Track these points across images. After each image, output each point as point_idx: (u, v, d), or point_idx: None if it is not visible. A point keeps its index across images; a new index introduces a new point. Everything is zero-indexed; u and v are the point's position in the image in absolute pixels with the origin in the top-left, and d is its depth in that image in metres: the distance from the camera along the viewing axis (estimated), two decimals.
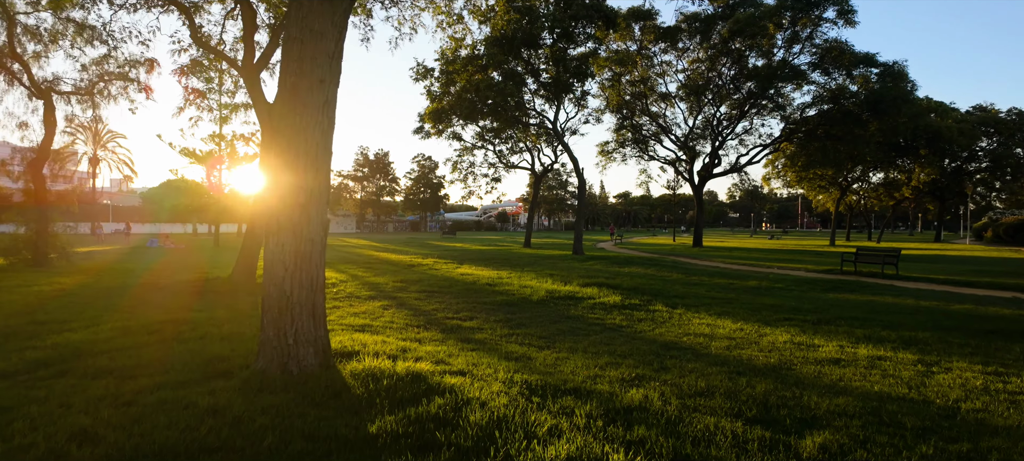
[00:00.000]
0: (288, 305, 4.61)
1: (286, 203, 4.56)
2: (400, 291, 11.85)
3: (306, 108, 4.54)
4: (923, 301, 11.12)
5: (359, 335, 6.71)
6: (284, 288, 4.60)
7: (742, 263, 21.46)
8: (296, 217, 4.58)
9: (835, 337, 7.36)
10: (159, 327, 7.03)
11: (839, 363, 6.02)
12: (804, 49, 30.94)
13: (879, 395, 4.81)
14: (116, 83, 18.52)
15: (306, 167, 4.59)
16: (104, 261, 19.21)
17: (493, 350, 6.26)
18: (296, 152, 4.55)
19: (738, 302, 10.59)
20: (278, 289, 4.61)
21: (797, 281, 14.64)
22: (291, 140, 4.56)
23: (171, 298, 10.55)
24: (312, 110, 4.56)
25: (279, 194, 4.58)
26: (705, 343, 6.97)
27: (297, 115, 4.53)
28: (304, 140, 4.55)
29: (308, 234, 4.64)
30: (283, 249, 4.59)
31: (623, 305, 10.00)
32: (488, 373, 4.98)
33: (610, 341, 7.03)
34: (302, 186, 4.58)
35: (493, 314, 9.00)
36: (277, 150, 4.60)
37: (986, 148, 49.73)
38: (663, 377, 5.19)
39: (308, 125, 4.55)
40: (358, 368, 4.75)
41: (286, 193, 4.56)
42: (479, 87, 23.06)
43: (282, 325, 4.61)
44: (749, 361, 6.04)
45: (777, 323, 8.42)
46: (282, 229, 4.58)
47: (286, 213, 4.57)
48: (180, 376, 4.73)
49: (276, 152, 4.61)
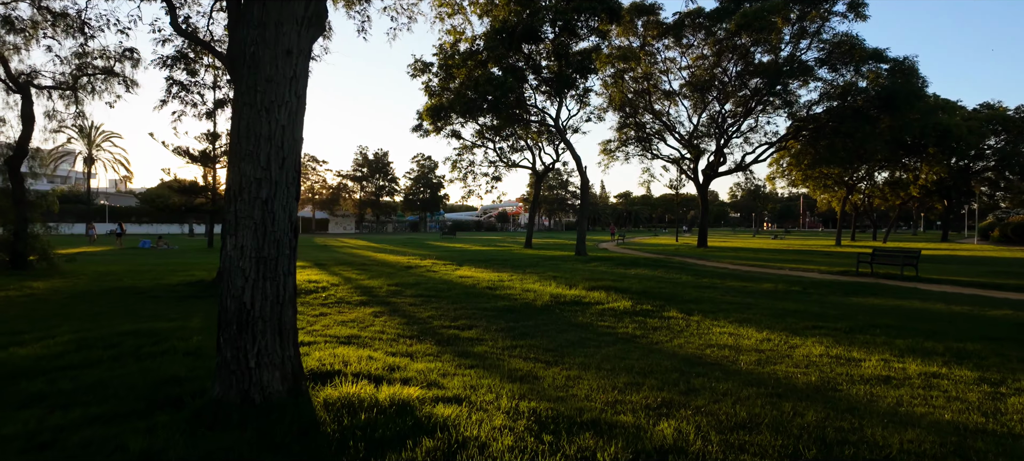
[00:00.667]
0: (249, 321, 3.85)
1: (246, 198, 3.80)
2: (394, 296, 11.09)
3: (270, 84, 3.78)
4: (955, 306, 10.36)
5: (343, 349, 5.95)
6: (244, 300, 3.84)
7: (751, 264, 20.70)
8: (258, 215, 3.81)
9: (875, 349, 6.60)
10: (120, 339, 6.27)
11: (890, 382, 5.26)
12: (812, 45, 30.17)
13: (954, 426, 4.05)
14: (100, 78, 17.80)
15: (271, 155, 3.83)
16: (89, 264, 18.44)
17: (494, 367, 5.49)
18: (258, 137, 3.79)
19: (757, 308, 9.82)
20: (237, 302, 3.84)
21: (813, 283, 13.88)
22: (252, 123, 3.79)
23: (147, 303, 9.79)
24: (277, 86, 3.80)
25: (238, 187, 3.82)
26: (732, 357, 6.20)
27: (259, 92, 3.77)
28: (267, 122, 3.79)
29: (273, 235, 3.88)
30: (243, 253, 3.82)
31: (635, 311, 9.24)
32: (489, 400, 4.21)
33: (625, 354, 6.26)
34: (265, 177, 3.82)
35: (494, 322, 8.24)
36: (236, 135, 3.84)
37: (993, 146, 48.93)
38: (694, 403, 4.43)
39: (272, 104, 3.79)
40: (334, 396, 3.98)
41: (246, 186, 3.80)
42: (479, 82, 22.28)
43: (242, 345, 3.84)
44: (787, 380, 5.27)
45: (805, 332, 7.66)
46: (242, 229, 3.82)
47: (246, 210, 3.80)
48: (121, 405, 3.97)
49: (235, 137, 3.84)
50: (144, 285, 12.18)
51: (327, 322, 8.11)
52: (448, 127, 28.01)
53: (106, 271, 15.59)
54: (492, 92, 22.08)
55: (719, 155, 35.67)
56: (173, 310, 9.10)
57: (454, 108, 24.50)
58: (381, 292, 11.57)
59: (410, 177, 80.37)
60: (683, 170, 38.46)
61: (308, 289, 11.77)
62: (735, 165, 36.92)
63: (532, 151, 33.11)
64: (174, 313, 8.77)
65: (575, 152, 25.74)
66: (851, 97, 30.54)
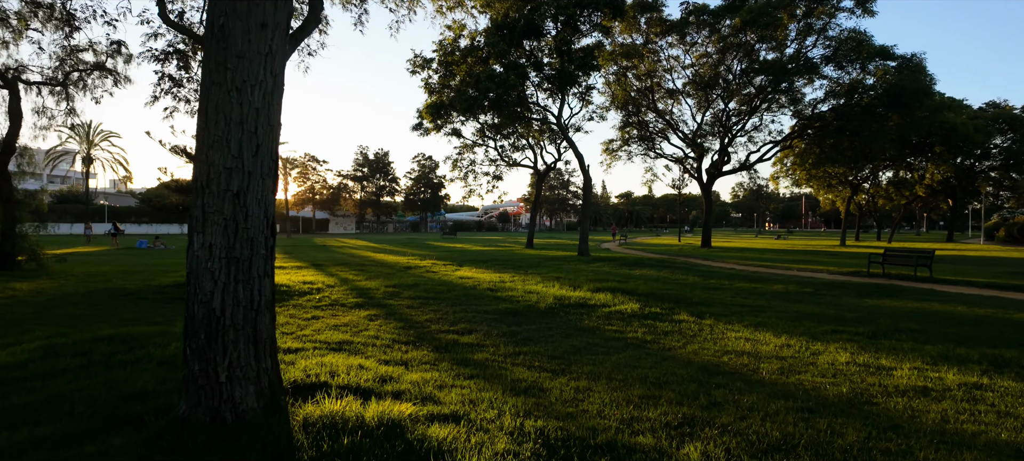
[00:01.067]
0: (219, 329, 3.40)
1: (214, 190, 3.35)
2: (392, 297, 10.64)
3: (242, 61, 3.33)
4: (978, 309, 9.89)
5: (332, 357, 5.50)
6: (213, 306, 3.39)
7: (758, 264, 20.23)
8: (228, 210, 3.37)
9: (904, 356, 6.14)
10: (93, 345, 5.82)
11: (929, 394, 4.80)
12: (817, 42, 29.67)
13: (1015, 448, 3.59)
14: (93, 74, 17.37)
15: (243, 141, 3.38)
16: (81, 264, 18.01)
17: (496, 378, 5.04)
18: (228, 121, 3.34)
19: (771, 310, 9.36)
20: (205, 308, 3.39)
21: (825, 285, 13.41)
22: (221, 105, 3.34)
23: (132, 306, 9.35)
24: (250, 63, 3.35)
25: (206, 179, 3.37)
26: (752, 365, 5.75)
27: (229, 70, 3.32)
28: (238, 104, 3.34)
29: (246, 232, 3.43)
30: (212, 254, 3.37)
31: (643, 314, 8.78)
32: (490, 418, 3.76)
33: (637, 362, 5.81)
34: (237, 167, 3.37)
35: (495, 326, 7.78)
36: (204, 119, 3.39)
37: (1000, 145, 48.39)
38: (719, 420, 3.98)
39: (244, 83, 3.34)
40: (315, 415, 3.53)
41: (215, 177, 3.35)
42: (480, 79, 21.81)
43: (211, 357, 3.39)
44: (816, 392, 4.82)
45: (826, 337, 7.20)
46: (210, 226, 3.37)
47: (215, 204, 3.36)
48: (76, 425, 3.52)
49: (202, 122, 3.39)
50: (132, 286, 11.74)
51: (319, 326, 7.67)
52: (448, 125, 27.56)
53: (96, 272, 15.16)
54: (494, 89, 21.61)
55: (723, 154, 35.19)
56: (158, 313, 8.66)
57: (455, 106, 24.03)
58: (378, 294, 11.12)
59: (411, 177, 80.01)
60: (687, 169, 38.00)
61: (302, 291, 11.33)
62: (739, 164, 36.44)
63: (534, 150, 32.67)
64: (158, 316, 8.33)
65: (578, 150, 25.27)
66: (858, 95, 30.04)
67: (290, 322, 7.95)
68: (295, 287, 11.75)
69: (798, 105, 31.92)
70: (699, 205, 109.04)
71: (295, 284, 12.15)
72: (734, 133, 34.76)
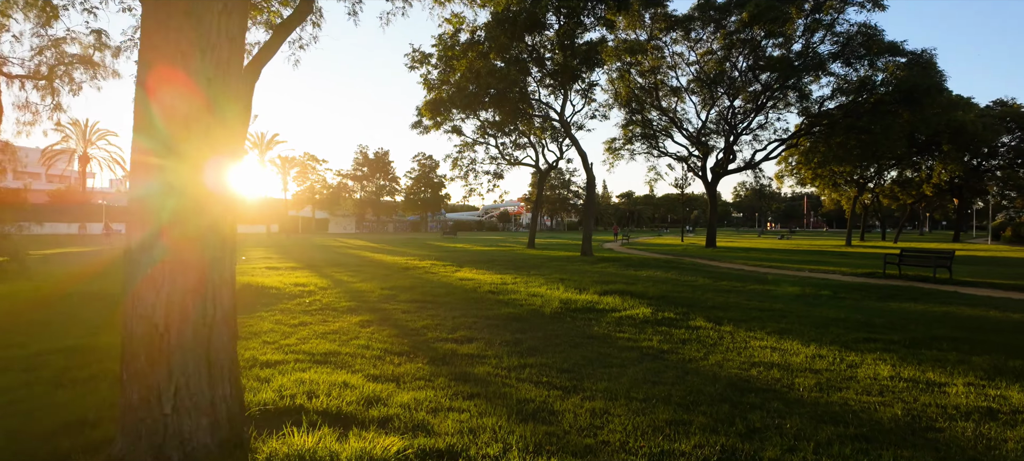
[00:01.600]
0: (164, 349, 2.78)
1: (156, 183, 2.73)
2: (387, 301, 10.02)
3: (188, 18, 2.70)
4: (1012, 313, 9.27)
5: (313, 373, 4.88)
6: (156, 322, 2.77)
7: (766, 265, 19.61)
8: (173, 204, 2.74)
9: (952, 369, 5.52)
10: (48, 358, 5.21)
11: (997, 417, 4.18)
12: (825, 38, 29.02)
13: None
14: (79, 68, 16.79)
15: (190, 119, 2.75)
16: (66, 265, 17.40)
17: (499, 397, 4.42)
18: (174, 98, 2.71)
19: (792, 315, 8.73)
20: (146, 323, 2.77)
21: (842, 287, 12.80)
22: (167, 77, 2.72)
23: (105, 312, 8.72)
24: (200, 22, 2.72)
25: (144, 168, 2.75)
26: (785, 380, 5.13)
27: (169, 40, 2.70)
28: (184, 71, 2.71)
29: (194, 230, 2.81)
30: (152, 257, 2.75)
31: (656, 320, 8.15)
32: (494, 456, 3.14)
33: (657, 376, 5.19)
34: (186, 152, 2.74)
35: (498, 333, 7.16)
36: (140, 97, 2.76)
37: (1007, 144, 47.75)
38: (764, 454, 3.36)
39: (186, 52, 2.72)
40: (281, 454, 2.91)
41: (157, 166, 2.73)
42: (480, 74, 21.18)
43: (153, 382, 2.77)
44: (867, 414, 4.20)
45: (859, 346, 6.57)
46: (151, 224, 2.74)
47: (156, 199, 2.73)
48: None
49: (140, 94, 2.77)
50: (112, 289, 11.12)
51: (305, 334, 7.04)
52: (448, 122, 26.92)
53: (79, 273, 14.56)
54: (495, 84, 20.99)
55: (729, 152, 34.55)
56: None
57: (455, 102, 23.41)
58: (372, 297, 10.50)
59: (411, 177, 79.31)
60: (691, 168, 37.35)
61: (292, 293, 10.70)
62: (744, 163, 35.81)
63: (535, 148, 32.03)
64: None
65: (581, 148, 24.64)
66: (867, 92, 29.39)
67: (275, 329, 7.33)
68: (285, 289, 11.12)
69: (805, 102, 31.27)
70: (701, 205, 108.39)
71: (286, 286, 11.53)
72: (739, 131, 34.12)
